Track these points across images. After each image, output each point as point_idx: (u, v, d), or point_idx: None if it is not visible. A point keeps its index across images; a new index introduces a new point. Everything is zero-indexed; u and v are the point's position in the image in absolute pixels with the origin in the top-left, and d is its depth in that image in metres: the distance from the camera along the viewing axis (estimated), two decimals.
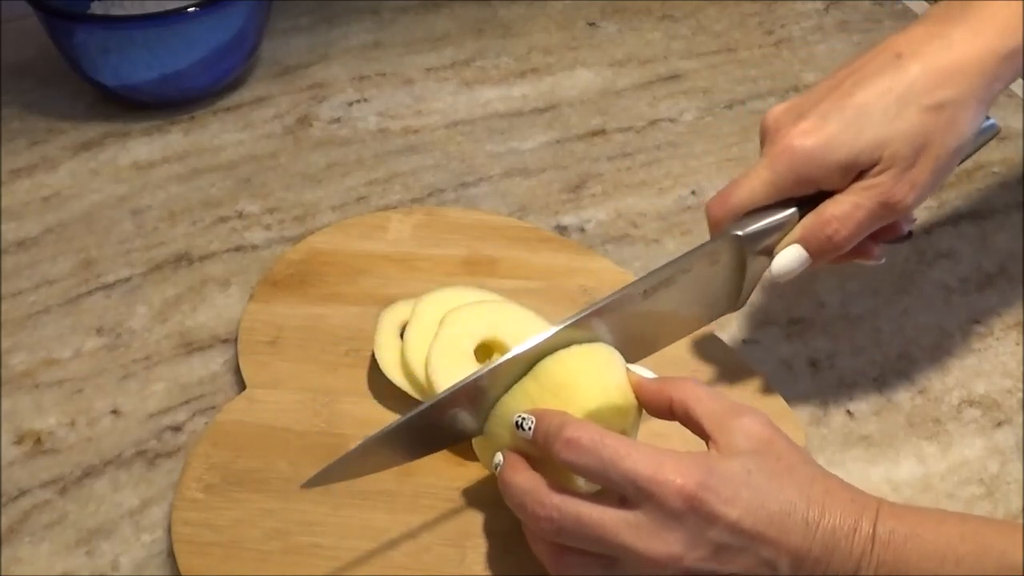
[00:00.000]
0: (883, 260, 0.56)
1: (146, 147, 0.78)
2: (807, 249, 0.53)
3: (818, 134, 0.51)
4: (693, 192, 0.75)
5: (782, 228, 0.54)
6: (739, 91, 0.84)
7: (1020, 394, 0.62)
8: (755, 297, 0.66)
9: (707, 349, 0.62)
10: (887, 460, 0.58)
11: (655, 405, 0.49)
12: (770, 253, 0.54)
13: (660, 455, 0.43)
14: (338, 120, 0.81)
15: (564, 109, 0.82)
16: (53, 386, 0.62)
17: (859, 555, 0.43)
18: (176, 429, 0.59)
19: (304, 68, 0.86)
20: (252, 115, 0.81)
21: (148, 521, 0.55)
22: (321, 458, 0.55)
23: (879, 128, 0.51)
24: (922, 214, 0.73)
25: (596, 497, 0.45)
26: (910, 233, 0.57)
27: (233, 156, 0.78)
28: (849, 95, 0.52)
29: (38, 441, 0.59)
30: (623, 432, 0.50)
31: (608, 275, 0.66)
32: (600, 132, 0.80)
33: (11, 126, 0.80)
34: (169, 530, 0.53)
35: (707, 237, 0.72)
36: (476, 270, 0.66)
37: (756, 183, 0.53)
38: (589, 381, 0.48)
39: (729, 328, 0.65)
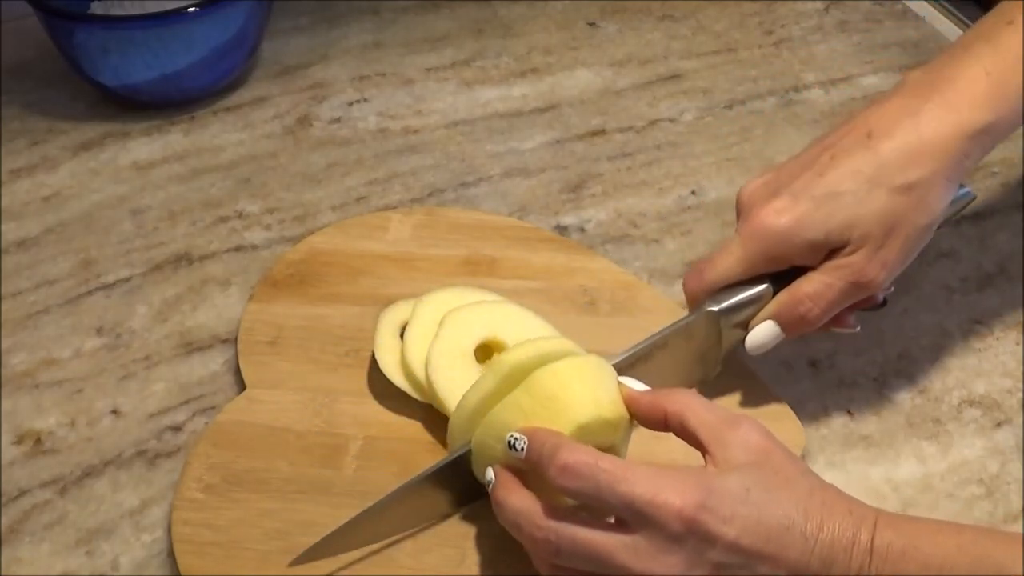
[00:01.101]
0: (858, 328, 0.58)
1: (146, 147, 0.78)
2: (780, 325, 0.55)
3: (789, 214, 0.53)
4: (693, 192, 0.75)
5: (756, 302, 0.55)
6: (739, 91, 0.84)
7: (1020, 394, 0.62)
8: None
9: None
10: (887, 460, 0.58)
11: (649, 418, 0.49)
12: (744, 325, 0.56)
13: (657, 477, 0.43)
14: (338, 120, 0.81)
15: (564, 109, 0.82)
16: (53, 386, 0.62)
17: (857, 567, 0.43)
18: (176, 429, 0.59)
19: (304, 68, 0.86)
20: (252, 115, 0.81)
21: (148, 521, 0.55)
22: (320, 458, 0.55)
23: (849, 209, 0.52)
24: None
25: (592, 518, 0.45)
26: (885, 301, 0.58)
27: (233, 156, 0.78)
28: (821, 175, 0.53)
29: (38, 441, 0.59)
30: (614, 445, 0.49)
31: (608, 275, 0.66)
32: (600, 132, 0.80)
33: (11, 126, 0.80)
34: (169, 530, 0.53)
35: (707, 238, 0.72)
36: (476, 270, 0.66)
37: (730, 260, 0.55)
38: (581, 394, 0.48)
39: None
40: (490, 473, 0.48)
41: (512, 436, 0.47)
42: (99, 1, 0.80)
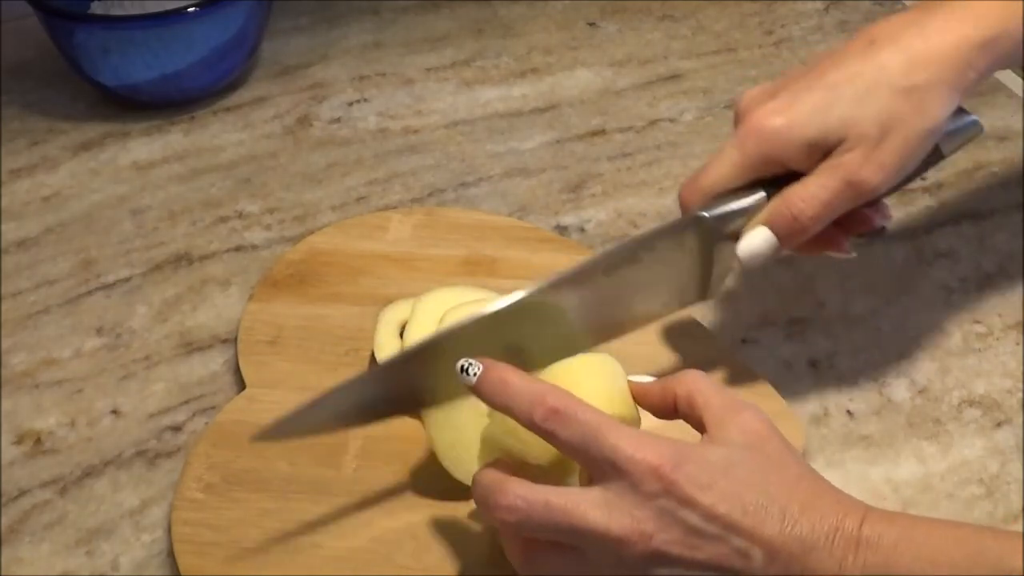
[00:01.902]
0: (853, 255, 0.56)
1: (146, 147, 0.78)
2: (773, 231, 0.53)
3: (787, 113, 0.52)
4: None
5: (750, 212, 0.53)
6: (739, 91, 0.82)
7: (1020, 394, 0.62)
8: (755, 297, 0.66)
9: (707, 349, 0.62)
10: (887, 460, 0.58)
11: (660, 404, 0.48)
12: (738, 239, 0.54)
13: (641, 435, 0.43)
14: (338, 120, 0.81)
15: (564, 109, 0.82)
16: (53, 386, 0.62)
17: (840, 556, 0.42)
18: (176, 429, 0.59)
19: (304, 68, 0.86)
20: (252, 115, 0.81)
21: (148, 521, 0.55)
22: (320, 457, 0.55)
23: (848, 108, 0.51)
24: (922, 214, 0.73)
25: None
26: (883, 228, 0.56)
27: (233, 156, 0.78)
28: (821, 76, 0.52)
29: (38, 441, 0.59)
30: None
31: None
32: (600, 132, 0.80)
33: (11, 126, 0.80)
34: (169, 530, 0.53)
35: None
36: (476, 270, 0.66)
37: (725, 164, 0.53)
38: (592, 391, 0.48)
39: (729, 328, 0.65)
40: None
41: (466, 361, 0.46)
42: (99, 1, 0.80)
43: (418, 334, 0.58)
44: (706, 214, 0.53)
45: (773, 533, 0.42)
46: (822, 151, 0.52)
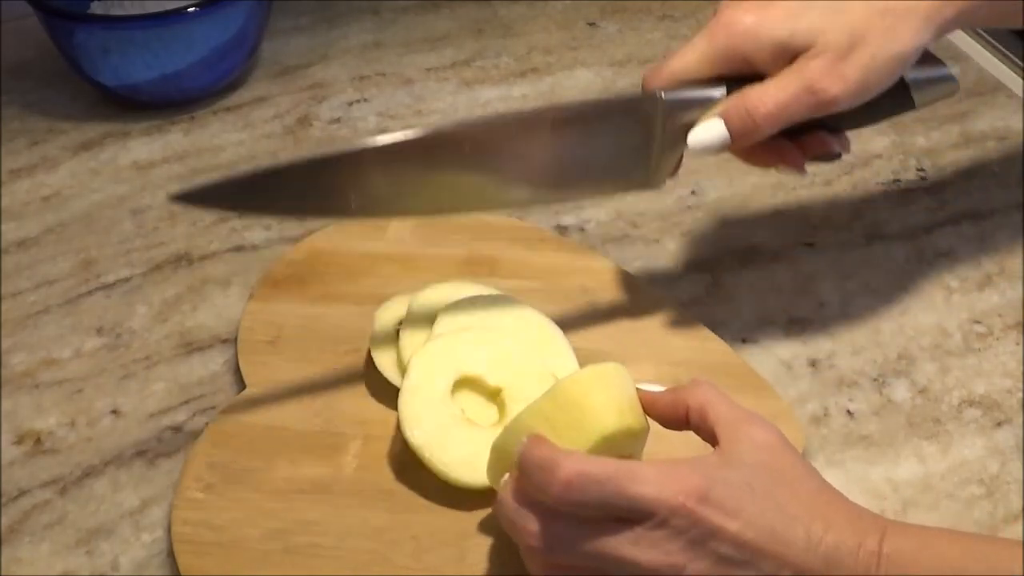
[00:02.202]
0: (806, 173, 0.57)
1: (146, 147, 0.78)
2: (727, 124, 0.53)
3: (759, 13, 0.52)
4: (693, 192, 0.75)
5: (708, 105, 0.54)
6: None
7: (1020, 394, 0.62)
8: (754, 297, 0.66)
9: (707, 349, 0.62)
10: (887, 460, 0.58)
11: (670, 415, 0.48)
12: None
13: (660, 473, 0.43)
14: (338, 120, 0.81)
15: None
16: (53, 386, 0.62)
17: (863, 571, 0.42)
18: (176, 429, 0.59)
19: (304, 68, 0.86)
20: (252, 115, 0.81)
21: (148, 521, 0.55)
22: (321, 458, 0.55)
23: (819, 16, 0.51)
24: (922, 214, 0.73)
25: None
26: (839, 155, 0.56)
27: (233, 156, 0.78)
28: None
29: (38, 441, 0.59)
30: (632, 455, 0.49)
31: (608, 275, 0.66)
32: None
33: (11, 126, 0.80)
34: (169, 530, 0.53)
35: (707, 238, 0.72)
36: (476, 270, 0.66)
37: (693, 54, 0.54)
38: (604, 402, 0.47)
39: (729, 328, 0.65)
40: (506, 478, 0.48)
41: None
42: (99, 1, 0.80)
43: (414, 331, 0.58)
44: (663, 95, 0.53)
45: (799, 553, 0.42)
46: (788, 54, 0.52)
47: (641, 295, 0.65)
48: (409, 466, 0.55)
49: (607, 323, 0.63)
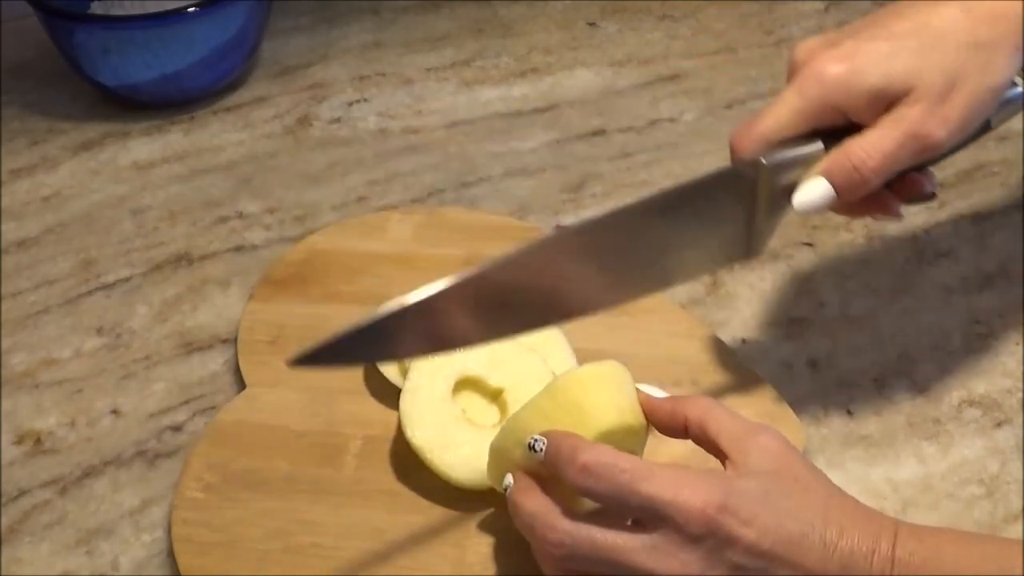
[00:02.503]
0: (902, 218, 0.55)
1: (146, 147, 0.78)
2: (832, 182, 0.51)
3: (851, 60, 0.50)
4: None
5: (807, 162, 0.51)
6: (739, 91, 0.84)
7: (1020, 394, 0.62)
8: (755, 297, 0.66)
9: (707, 349, 0.62)
10: (887, 460, 0.58)
11: (669, 425, 0.48)
12: (792, 192, 0.51)
13: (677, 477, 0.43)
14: (338, 120, 0.81)
15: (564, 109, 0.82)
16: (53, 386, 0.62)
17: (879, 573, 0.42)
18: (176, 429, 0.59)
19: (304, 68, 0.86)
20: (252, 115, 0.81)
21: (148, 521, 0.55)
22: (321, 458, 0.55)
23: (913, 59, 0.49)
24: (922, 214, 0.73)
25: (606, 518, 0.44)
26: (933, 194, 0.55)
27: (233, 156, 0.78)
28: (885, 27, 0.51)
29: (38, 441, 0.59)
30: (633, 451, 0.49)
31: None
32: (600, 132, 0.80)
33: (11, 126, 0.80)
34: (169, 530, 0.53)
35: None
36: None
37: (784, 110, 0.51)
38: (604, 400, 0.48)
39: (729, 328, 0.65)
40: (508, 479, 0.48)
41: (532, 438, 0.47)
42: (99, 1, 0.80)
43: None
44: (764, 160, 0.50)
45: (815, 561, 0.42)
46: (885, 101, 0.50)
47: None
48: (409, 466, 0.55)
49: (607, 323, 0.63)
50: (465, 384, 0.56)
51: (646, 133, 0.80)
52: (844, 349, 0.64)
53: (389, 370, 0.58)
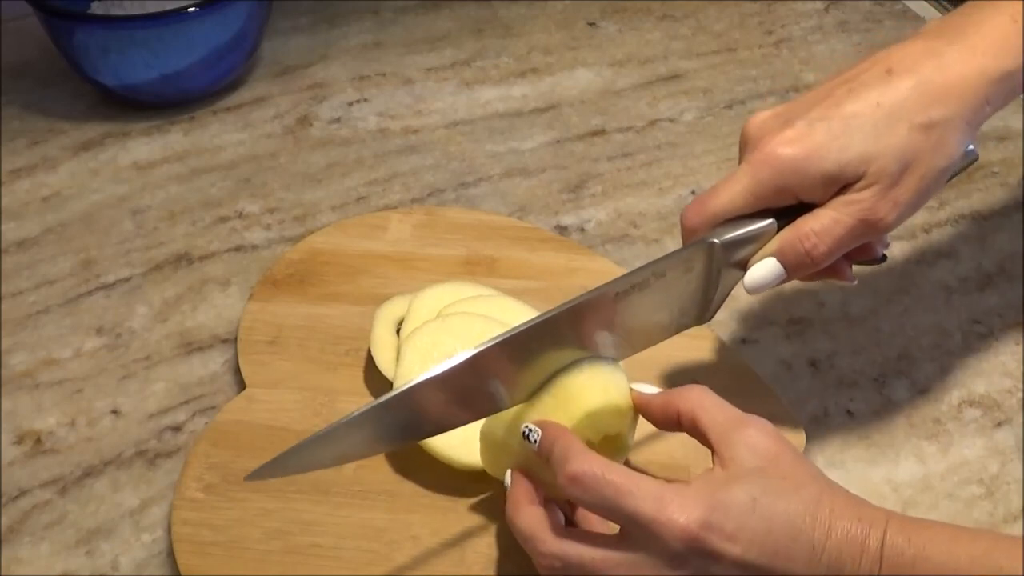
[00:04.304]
0: (855, 282, 0.55)
1: (146, 147, 0.78)
2: (783, 263, 0.51)
3: (803, 143, 0.50)
4: (693, 192, 0.75)
5: (759, 239, 0.52)
6: (739, 91, 0.84)
7: (1020, 394, 0.62)
8: (755, 297, 0.66)
9: (707, 349, 0.62)
10: (887, 460, 0.58)
11: (662, 418, 0.49)
12: (744, 265, 0.53)
13: (662, 491, 0.43)
14: (338, 120, 0.81)
15: (564, 109, 0.82)
16: (53, 386, 0.62)
17: (867, 571, 0.42)
18: (176, 429, 0.59)
19: (304, 68, 0.86)
20: (252, 115, 0.81)
21: (148, 521, 0.55)
22: None
23: (867, 142, 0.49)
24: (922, 214, 0.73)
25: (599, 535, 0.45)
26: (884, 256, 0.55)
27: (233, 156, 0.78)
28: (837, 105, 0.50)
29: (38, 441, 0.59)
30: (621, 433, 0.50)
31: (608, 275, 0.65)
32: (600, 132, 0.80)
33: (11, 126, 0.80)
34: (169, 530, 0.53)
35: None
36: (476, 270, 0.66)
37: (736, 190, 0.51)
38: (590, 382, 0.48)
39: (729, 328, 0.65)
40: (508, 478, 0.49)
41: (527, 427, 0.47)
42: (99, 1, 0.80)
43: (415, 330, 0.58)
44: (716, 240, 0.51)
45: (803, 565, 0.42)
46: (838, 184, 0.50)
47: None
48: (409, 466, 0.55)
49: None
50: None
51: (646, 133, 0.80)
52: (844, 349, 0.64)
53: (389, 369, 0.58)
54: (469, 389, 0.48)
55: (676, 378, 0.60)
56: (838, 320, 0.66)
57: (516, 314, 0.59)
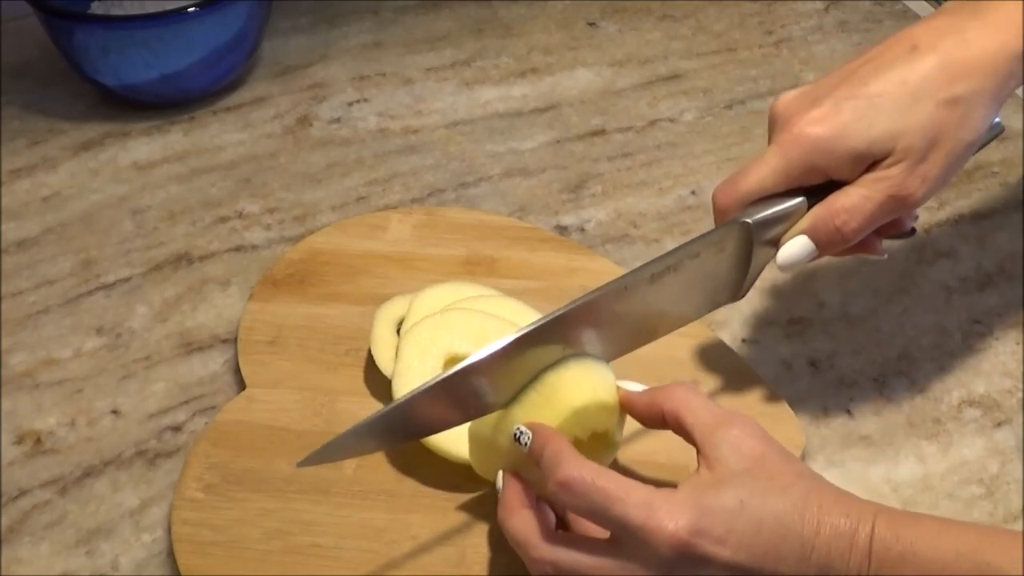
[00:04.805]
0: (885, 256, 0.56)
1: (146, 147, 0.78)
2: (814, 240, 0.52)
3: (831, 122, 0.51)
4: (693, 192, 0.75)
5: (790, 217, 0.53)
6: (739, 91, 0.84)
7: (1020, 394, 0.62)
8: (755, 297, 0.66)
9: (707, 349, 0.62)
10: (887, 460, 0.58)
11: (648, 416, 0.49)
12: (776, 243, 0.53)
13: (651, 498, 0.43)
14: (338, 120, 0.81)
15: (564, 109, 0.82)
16: (53, 386, 0.62)
17: (856, 567, 0.43)
18: (176, 429, 0.59)
19: (304, 68, 0.86)
20: (252, 115, 0.81)
21: (148, 521, 0.55)
22: None
23: (893, 119, 0.50)
24: (922, 214, 0.73)
25: (591, 541, 0.45)
26: (913, 230, 0.56)
27: (233, 156, 0.78)
28: (863, 84, 0.51)
29: (38, 441, 0.59)
30: (608, 430, 0.50)
31: (608, 275, 0.65)
32: (600, 132, 0.80)
33: (11, 126, 0.80)
34: (169, 530, 0.53)
35: None
36: (476, 270, 0.66)
37: (766, 170, 0.52)
38: (577, 378, 0.49)
39: (729, 328, 0.65)
40: (499, 481, 0.49)
41: (518, 430, 0.47)
42: (99, 1, 0.80)
43: (414, 325, 0.58)
44: (750, 220, 0.52)
45: (793, 564, 0.43)
46: (866, 163, 0.51)
47: None
48: (409, 466, 0.55)
49: None
50: (454, 362, 0.56)
51: (646, 133, 0.80)
52: (844, 349, 0.64)
53: (389, 369, 0.58)
54: (471, 388, 0.48)
55: (675, 378, 0.59)
56: (838, 320, 0.66)
57: (516, 314, 0.59)
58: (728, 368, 0.61)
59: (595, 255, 0.68)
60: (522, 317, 0.59)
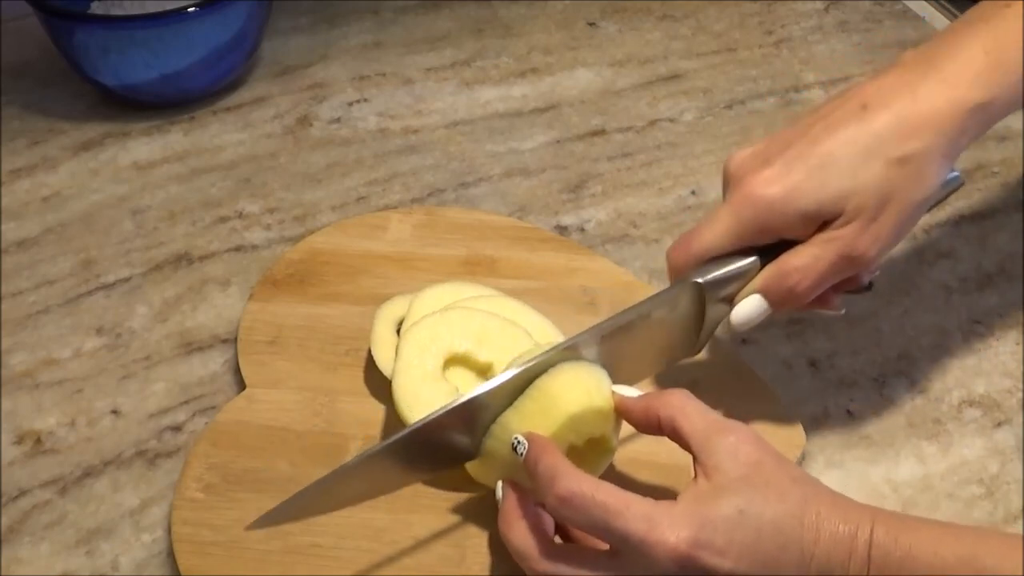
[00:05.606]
0: (843, 311, 0.56)
1: (146, 147, 0.78)
2: (768, 299, 0.53)
3: (782, 183, 0.51)
4: (693, 192, 0.75)
5: (743, 276, 0.53)
6: (739, 91, 0.84)
7: (1020, 394, 0.62)
8: None
9: (707, 349, 0.61)
10: (887, 460, 0.58)
11: (643, 422, 0.49)
12: (730, 300, 0.54)
13: (651, 511, 0.43)
14: (338, 120, 0.81)
15: (564, 109, 0.82)
16: (53, 386, 0.62)
17: (856, 571, 0.43)
18: (176, 429, 0.59)
19: (304, 68, 0.86)
20: (252, 115, 0.81)
21: (148, 521, 0.55)
22: (321, 457, 0.55)
23: (844, 179, 0.50)
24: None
25: (592, 553, 0.45)
26: (870, 284, 0.56)
27: (233, 156, 0.78)
28: (814, 143, 0.51)
29: (38, 441, 0.59)
30: (605, 435, 0.50)
31: (608, 275, 0.66)
32: (600, 132, 0.80)
33: (11, 126, 0.80)
34: (169, 530, 0.53)
35: None
36: (476, 270, 0.66)
37: (718, 230, 0.52)
38: (572, 385, 0.49)
39: (729, 328, 0.65)
40: (499, 491, 0.49)
41: (516, 439, 0.47)
42: (99, 1, 0.80)
43: (414, 323, 0.58)
44: (701, 280, 0.53)
45: (793, 572, 0.43)
46: (817, 222, 0.51)
47: (641, 295, 0.65)
48: None
49: None
50: (455, 361, 0.57)
51: (646, 133, 0.80)
52: (844, 349, 0.64)
53: (389, 369, 0.58)
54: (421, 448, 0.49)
55: (675, 379, 0.60)
56: (838, 320, 0.66)
57: (516, 314, 0.59)
58: (728, 368, 0.61)
59: (595, 255, 0.68)
60: (522, 317, 0.59)
